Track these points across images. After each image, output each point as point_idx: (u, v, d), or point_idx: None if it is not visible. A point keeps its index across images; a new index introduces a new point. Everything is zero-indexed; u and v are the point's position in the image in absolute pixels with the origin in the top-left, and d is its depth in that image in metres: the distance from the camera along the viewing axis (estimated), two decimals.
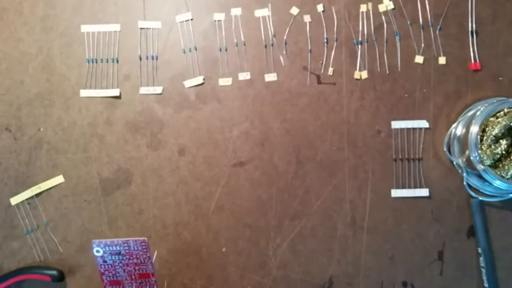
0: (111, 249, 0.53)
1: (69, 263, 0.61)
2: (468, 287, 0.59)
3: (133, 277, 0.54)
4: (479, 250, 0.59)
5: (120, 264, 0.54)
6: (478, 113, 0.56)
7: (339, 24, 0.62)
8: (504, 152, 0.55)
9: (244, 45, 0.62)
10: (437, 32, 0.61)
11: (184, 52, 0.62)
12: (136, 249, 0.53)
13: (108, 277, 0.54)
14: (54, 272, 0.59)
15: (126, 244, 0.53)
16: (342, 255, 0.60)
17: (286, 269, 0.60)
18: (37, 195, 0.61)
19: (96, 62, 0.62)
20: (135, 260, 0.54)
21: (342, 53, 0.62)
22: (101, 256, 0.53)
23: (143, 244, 0.53)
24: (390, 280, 0.60)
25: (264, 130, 0.61)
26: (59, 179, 0.60)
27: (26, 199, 0.61)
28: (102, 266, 0.54)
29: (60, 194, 0.61)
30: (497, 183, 0.55)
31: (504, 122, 0.54)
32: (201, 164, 0.61)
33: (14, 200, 0.60)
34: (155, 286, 0.55)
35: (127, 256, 0.53)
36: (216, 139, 0.61)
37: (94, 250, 0.53)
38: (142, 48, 0.62)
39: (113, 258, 0.53)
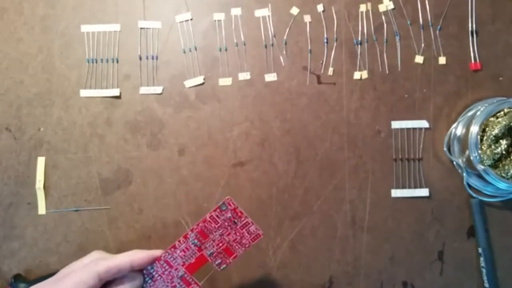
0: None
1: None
2: (468, 287, 0.59)
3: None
4: (479, 250, 0.59)
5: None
6: (478, 113, 0.56)
7: (339, 24, 0.62)
8: (504, 152, 0.55)
9: (244, 45, 0.62)
10: (437, 32, 0.61)
11: (184, 52, 0.62)
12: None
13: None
14: None
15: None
16: (342, 255, 0.60)
17: (286, 269, 0.60)
18: None
19: (96, 62, 0.62)
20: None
21: (342, 53, 0.62)
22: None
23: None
24: (390, 280, 0.60)
25: (264, 130, 0.61)
26: None
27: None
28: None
29: (60, 194, 0.61)
30: (497, 183, 0.55)
31: (504, 122, 0.54)
32: (201, 164, 0.61)
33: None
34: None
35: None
36: (216, 139, 0.61)
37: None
38: (142, 48, 0.62)
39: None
